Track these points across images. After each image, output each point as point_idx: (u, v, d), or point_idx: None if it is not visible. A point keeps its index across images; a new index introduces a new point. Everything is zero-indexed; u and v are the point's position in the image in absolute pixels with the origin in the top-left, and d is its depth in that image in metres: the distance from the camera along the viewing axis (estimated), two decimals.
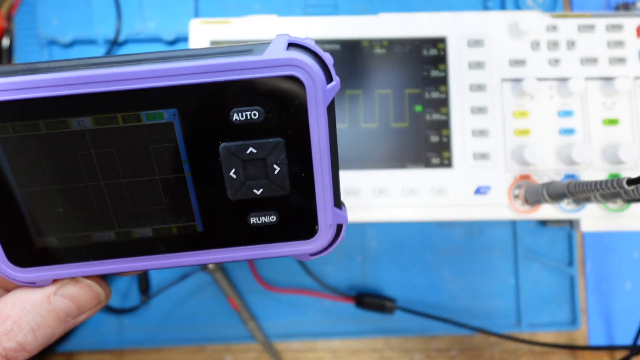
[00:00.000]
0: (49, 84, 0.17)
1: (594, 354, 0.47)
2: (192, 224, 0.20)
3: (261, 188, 0.19)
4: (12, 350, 0.19)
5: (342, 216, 0.21)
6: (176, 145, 0.18)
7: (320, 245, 0.21)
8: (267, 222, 0.20)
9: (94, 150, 0.18)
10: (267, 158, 0.19)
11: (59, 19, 0.47)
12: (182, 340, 0.46)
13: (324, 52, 0.18)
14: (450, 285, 0.47)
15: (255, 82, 0.18)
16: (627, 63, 0.39)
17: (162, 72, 0.17)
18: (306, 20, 0.40)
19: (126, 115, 0.18)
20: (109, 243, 0.20)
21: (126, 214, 0.20)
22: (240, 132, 0.18)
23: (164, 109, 0.18)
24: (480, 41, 0.39)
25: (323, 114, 0.18)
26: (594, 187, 0.30)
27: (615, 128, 0.39)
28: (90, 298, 0.21)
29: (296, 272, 0.46)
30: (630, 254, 0.48)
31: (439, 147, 0.39)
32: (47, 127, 0.18)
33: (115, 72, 0.17)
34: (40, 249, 0.20)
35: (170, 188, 0.19)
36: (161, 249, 0.20)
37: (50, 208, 0.19)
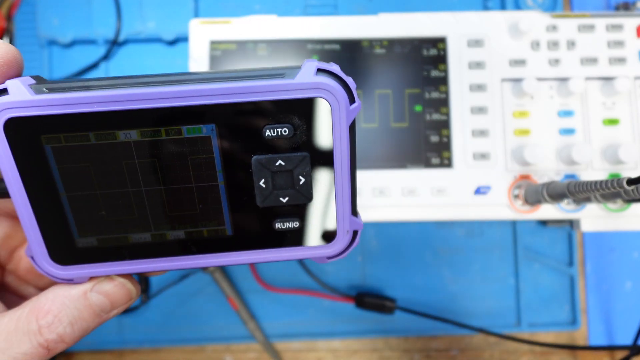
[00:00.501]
0: (101, 100, 0.19)
1: (594, 354, 0.47)
2: (222, 227, 0.22)
3: (287, 197, 0.21)
4: (53, 341, 0.21)
5: (358, 223, 0.22)
6: (212, 157, 0.20)
7: (337, 249, 0.23)
8: (291, 227, 0.22)
9: (138, 159, 0.20)
10: (294, 170, 0.21)
11: (59, 19, 0.47)
12: (182, 340, 0.46)
13: (347, 76, 0.20)
14: (450, 285, 0.47)
15: (287, 103, 0.20)
16: (627, 63, 0.39)
17: (204, 92, 0.19)
18: (306, 20, 0.40)
19: (169, 129, 0.20)
20: (145, 244, 0.22)
21: (162, 218, 0.21)
22: (270, 147, 0.21)
23: (203, 125, 0.20)
24: (480, 41, 0.39)
25: (346, 132, 0.20)
26: (594, 187, 0.30)
27: (615, 128, 0.39)
28: (123, 295, 0.23)
29: (296, 272, 0.46)
30: (630, 254, 0.48)
31: (439, 147, 0.39)
32: (96, 138, 0.20)
33: (161, 91, 0.19)
34: (81, 248, 0.21)
35: (204, 195, 0.21)
36: (192, 250, 0.22)
37: (93, 211, 0.21)
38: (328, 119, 0.20)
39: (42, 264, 0.21)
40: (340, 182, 0.21)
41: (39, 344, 0.21)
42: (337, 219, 0.22)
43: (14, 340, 0.21)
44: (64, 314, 0.21)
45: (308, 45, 0.39)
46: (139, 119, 0.19)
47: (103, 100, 0.19)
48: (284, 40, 0.40)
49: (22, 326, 0.21)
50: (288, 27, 0.40)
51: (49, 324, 0.21)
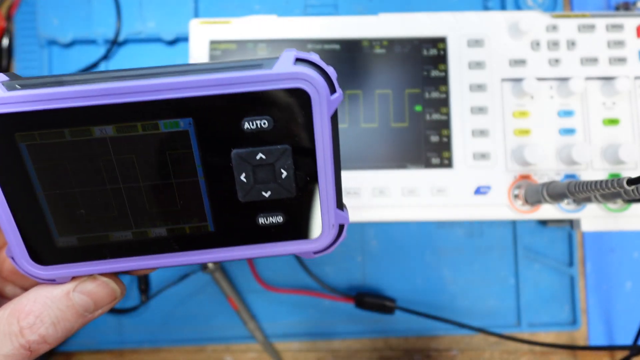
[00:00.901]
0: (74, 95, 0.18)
1: (594, 354, 0.47)
2: (204, 224, 0.21)
3: (269, 191, 0.21)
4: (35, 342, 0.21)
5: (344, 217, 0.22)
6: (191, 151, 0.20)
7: (323, 244, 0.22)
8: (274, 222, 0.21)
9: (115, 155, 0.20)
10: (275, 163, 0.20)
11: (58, 19, 0.47)
12: (182, 340, 0.46)
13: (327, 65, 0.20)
14: (450, 285, 0.47)
15: (265, 94, 0.19)
16: (628, 63, 0.39)
17: (179, 85, 0.19)
18: (306, 20, 0.40)
19: (145, 124, 0.19)
20: (126, 242, 0.21)
21: (143, 215, 0.21)
22: (250, 140, 0.20)
23: (180, 118, 0.19)
24: (480, 41, 0.39)
25: (327, 123, 0.20)
26: (594, 187, 0.30)
27: (616, 128, 0.39)
28: (106, 294, 0.23)
29: (296, 272, 0.46)
30: (630, 254, 0.48)
31: (439, 147, 0.39)
32: (71, 134, 0.19)
33: (136, 85, 0.19)
34: (61, 248, 0.21)
35: (184, 191, 0.21)
36: (174, 247, 0.22)
37: (72, 210, 0.20)
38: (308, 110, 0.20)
39: (22, 265, 0.21)
40: (323, 174, 0.21)
41: (21, 345, 0.21)
42: (321, 212, 0.22)
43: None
44: (45, 314, 0.21)
45: (308, 45, 0.39)
46: (114, 114, 0.19)
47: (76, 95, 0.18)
48: (284, 40, 0.40)
49: (2, 328, 0.21)
50: (288, 27, 0.40)
51: (31, 325, 0.21)
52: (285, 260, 0.46)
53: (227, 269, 0.47)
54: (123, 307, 0.45)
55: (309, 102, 0.19)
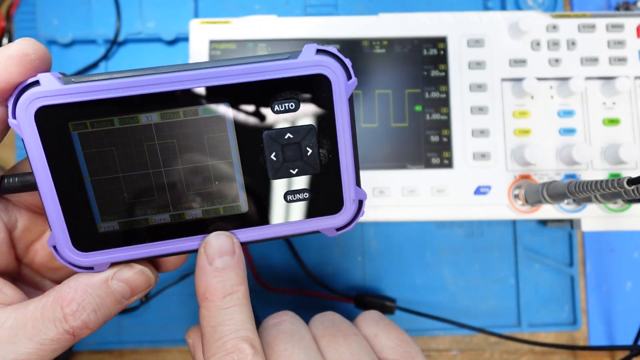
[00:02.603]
0: (124, 85, 0.21)
1: (594, 354, 0.47)
2: (237, 204, 0.23)
3: (296, 168, 0.23)
4: (78, 328, 0.22)
5: (362, 193, 0.24)
6: (226, 134, 0.22)
7: (345, 219, 0.24)
8: (301, 198, 0.23)
9: (158, 141, 0.22)
10: (301, 142, 0.23)
11: (58, 19, 0.47)
12: (182, 341, 0.46)
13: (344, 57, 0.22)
14: (450, 285, 0.47)
15: (293, 80, 0.22)
16: (628, 63, 0.39)
17: (217, 74, 0.21)
18: (306, 20, 0.40)
19: (187, 110, 0.21)
20: (164, 225, 0.23)
21: (181, 198, 0.22)
22: (279, 121, 0.22)
23: (217, 104, 0.22)
24: (480, 41, 0.39)
25: (345, 104, 0.22)
26: (595, 187, 0.30)
27: (616, 128, 0.39)
28: (143, 281, 0.24)
29: (296, 272, 0.46)
30: (630, 254, 0.48)
31: (439, 147, 0.39)
32: (120, 122, 0.21)
33: (179, 75, 0.21)
34: (102, 233, 0.22)
35: (219, 172, 0.22)
36: (209, 228, 0.23)
37: (115, 194, 0.22)
38: (329, 93, 0.22)
39: (64, 253, 0.22)
40: (344, 151, 0.23)
41: (65, 330, 0.22)
42: (343, 188, 0.23)
43: (40, 327, 0.21)
44: (87, 301, 0.22)
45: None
46: (160, 102, 0.21)
47: (126, 86, 0.20)
48: (284, 40, 0.40)
49: (47, 314, 0.22)
50: (288, 27, 0.40)
51: (74, 311, 0.22)
52: (285, 260, 0.46)
53: None
54: None
55: (329, 86, 0.22)
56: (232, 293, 0.24)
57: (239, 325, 0.23)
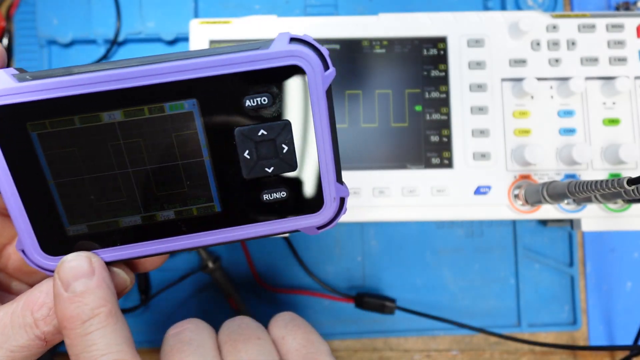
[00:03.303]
0: (83, 82, 0.19)
1: (594, 354, 0.47)
2: (211, 204, 0.22)
3: (272, 167, 0.22)
4: (50, 333, 0.21)
5: (344, 190, 0.23)
6: (196, 132, 0.21)
7: (325, 217, 0.23)
8: (279, 197, 0.22)
9: (123, 140, 0.20)
10: (276, 138, 0.21)
11: (58, 19, 0.47)
12: None
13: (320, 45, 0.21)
14: (450, 285, 0.47)
15: (264, 72, 0.20)
16: (628, 63, 0.39)
17: (182, 68, 0.20)
18: (306, 20, 0.40)
19: (152, 107, 0.20)
20: (135, 227, 0.22)
21: (151, 199, 0.21)
22: (252, 117, 0.21)
23: (184, 100, 0.20)
24: (480, 41, 0.39)
25: (323, 97, 0.21)
26: (595, 187, 0.30)
27: (616, 128, 0.39)
28: (117, 284, 0.23)
29: (296, 272, 0.46)
30: (630, 254, 0.48)
31: (439, 147, 0.39)
32: (81, 121, 0.20)
33: (141, 70, 0.19)
34: (72, 237, 0.21)
35: (191, 172, 0.21)
36: (183, 230, 0.22)
37: (81, 197, 0.21)
38: (305, 86, 0.21)
39: (33, 257, 0.21)
40: (322, 148, 0.22)
41: (36, 336, 0.21)
42: (322, 186, 0.22)
43: (10, 334, 0.21)
44: None
45: None
46: (122, 99, 0.20)
47: (85, 82, 0.19)
48: None
49: (17, 320, 0.21)
50: (288, 27, 0.40)
51: (45, 316, 0.21)
52: (285, 260, 0.46)
53: (227, 269, 0.47)
54: (123, 307, 0.45)
55: (304, 78, 0.20)
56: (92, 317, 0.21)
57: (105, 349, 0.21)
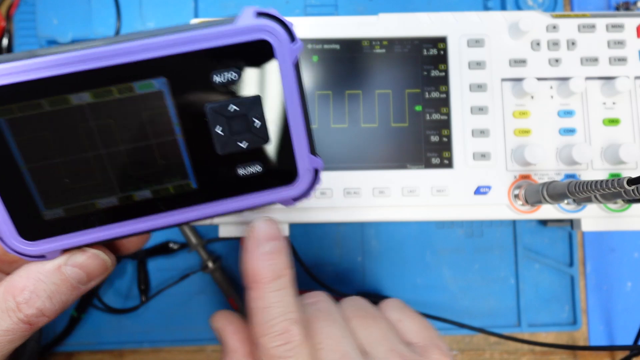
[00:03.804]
0: (48, 65, 0.19)
1: (594, 355, 0.47)
2: (186, 182, 0.22)
3: (245, 141, 0.22)
4: (33, 315, 0.21)
5: (317, 161, 0.23)
6: (167, 110, 0.21)
7: (301, 189, 0.23)
8: (254, 171, 0.22)
9: (94, 122, 0.20)
10: (247, 113, 0.21)
11: (58, 19, 0.47)
12: (182, 341, 0.46)
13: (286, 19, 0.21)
14: (450, 286, 0.47)
15: (231, 47, 0.20)
16: (628, 63, 0.39)
17: (149, 46, 0.20)
18: (306, 20, 0.40)
19: (121, 87, 0.20)
20: (113, 208, 0.22)
21: (126, 179, 0.21)
22: (222, 93, 0.21)
23: (153, 79, 0.20)
24: (480, 41, 0.39)
25: (291, 70, 0.21)
26: (595, 187, 0.30)
27: (616, 128, 0.39)
28: (98, 265, 0.23)
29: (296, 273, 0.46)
30: (631, 254, 0.48)
31: (439, 147, 0.39)
32: (50, 104, 0.20)
33: (108, 49, 0.19)
34: (49, 221, 0.21)
35: (164, 151, 0.21)
36: (161, 208, 0.22)
37: (56, 180, 0.21)
38: (273, 59, 0.21)
39: (11, 243, 0.21)
40: (294, 120, 0.22)
41: (19, 319, 0.21)
42: (296, 158, 0.22)
43: None
44: (40, 289, 0.22)
45: (308, 44, 0.39)
46: (90, 80, 0.20)
47: (50, 65, 0.19)
48: None
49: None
50: None
51: (27, 299, 0.21)
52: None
53: (227, 269, 0.47)
54: (123, 307, 0.45)
55: (272, 52, 0.21)
56: (280, 277, 0.24)
57: (288, 308, 0.24)
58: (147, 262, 0.46)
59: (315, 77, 0.39)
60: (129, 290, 0.46)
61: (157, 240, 0.47)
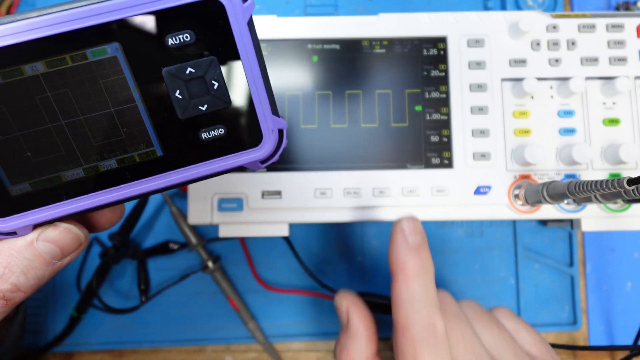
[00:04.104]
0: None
1: (594, 354, 0.47)
2: (151, 149, 0.22)
3: (205, 104, 0.21)
4: (8, 291, 0.21)
5: (281, 122, 0.23)
6: (123, 77, 0.20)
7: (267, 151, 0.23)
8: (217, 135, 0.22)
9: (50, 92, 0.20)
10: (205, 75, 0.21)
11: None
12: (182, 341, 0.46)
13: None
14: (450, 285, 0.47)
15: (182, 8, 0.20)
16: (628, 63, 0.39)
17: (99, 10, 0.19)
18: (306, 20, 0.40)
19: (73, 55, 0.20)
20: (79, 180, 0.21)
21: (90, 149, 0.21)
22: (178, 56, 0.21)
23: (106, 45, 0.20)
24: (480, 41, 0.39)
25: (245, 29, 0.21)
26: (595, 187, 0.30)
27: (616, 128, 0.39)
28: (71, 240, 0.23)
29: (296, 272, 0.46)
30: (630, 254, 0.48)
31: (439, 147, 0.39)
32: (3, 76, 0.19)
33: (57, 16, 0.19)
34: (16, 196, 0.21)
35: (125, 118, 0.21)
36: (128, 177, 0.22)
37: (18, 155, 0.20)
38: (225, 19, 0.20)
39: None
40: (252, 81, 0.22)
41: None
42: (259, 119, 0.22)
43: None
44: (14, 264, 0.22)
45: (308, 45, 0.39)
46: (41, 49, 0.19)
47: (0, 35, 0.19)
48: (284, 40, 0.40)
49: None
50: (288, 27, 0.40)
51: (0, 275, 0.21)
52: (286, 261, 0.46)
53: (227, 269, 0.47)
54: (123, 307, 0.45)
55: (224, 12, 0.20)
56: (426, 270, 0.26)
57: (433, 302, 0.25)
58: (147, 262, 0.46)
59: (315, 77, 0.39)
60: (129, 290, 0.46)
61: (157, 240, 0.47)
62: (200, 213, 0.39)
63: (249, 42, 0.21)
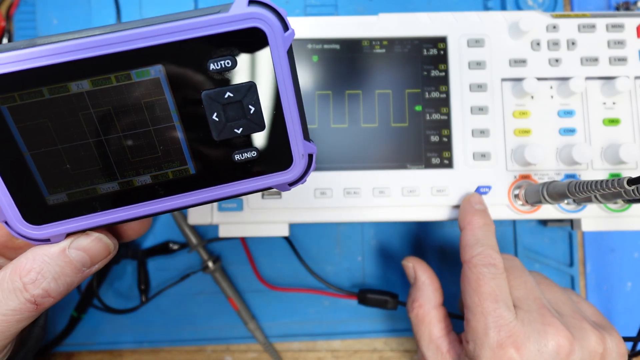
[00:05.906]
0: (47, 53, 0.20)
1: None
2: (185, 167, 0.23)
3: (241, 127, 0.22)
4: (40, 296, 0.22)
5: (311, 147, 0.23)
6: (164, 97, 0.21)
7: (296, 174, 0.24)
8: (249, 157, 0.23)
9: (93, 109, 0.21)
10: (242, 100, 0.22)
11: (58, 19, 0.47)
12: (182, 341, 0.46)
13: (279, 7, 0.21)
14: (450, 286, 0.47)
15: (225, 35, 0.21)
16: (628, 63, 0.39)
17: (146, 34, 0.20)
18: (306, 20, 0.40)
19: (118, 75, 0.20)
20: (114, 193, 0.22)
21: (127, 165, 0.22)
22: (218, 80, 0.22)
23: (150, 67, 0.21)
24: (480, 41, 0.39)
25: (284, 57, 0.22)
26: (595, 187, 0.30)
27: (616, 128, 0.39)
28: (101, 249, 0.24)
29: (297, 272, 0.46)
30: (630, 254, 0.48)
31: (439, 147, 0.39)
32: (50, 92, 0.20)
33: (105, 38, 0.20)
34: (52, 205, 0.22)
35: (163, 137, 0.22)
36: (160, 193, 0.23)
37: (58, 166, 0.21)
38: (266, 47, 0.21)
39: (17, 227, 0.22)
40: (287, 107, 0.22)
41: (27, 299, 0.22)
42: (291, 144, 0.23)
43: (1, 299, 0.22)
44: (46, 270, 0.22)
45: (308, 45, 0.39)
46: (88, 68, 0.20)
47: (49, 53, 0.20)
48: None
49: (7, 285, 0.22)
50: None
51: (33, 280, 0.22)
52: (286, 261, 0.46)
53: (227, 269, 0.47)
54: (123, 307, 0.45)
55: (265, 40, 0.21)
56: (487, 225, 0.34)
57: (491, 243, 0.33)
58: (147, 262, 0.46)
59: (315, 77, 0.39)
60: (129, 290, 0.46)
61: (157, 240, 0.47)
62: (200, 213, 0.39)
63: (287, 69, 0.22)
